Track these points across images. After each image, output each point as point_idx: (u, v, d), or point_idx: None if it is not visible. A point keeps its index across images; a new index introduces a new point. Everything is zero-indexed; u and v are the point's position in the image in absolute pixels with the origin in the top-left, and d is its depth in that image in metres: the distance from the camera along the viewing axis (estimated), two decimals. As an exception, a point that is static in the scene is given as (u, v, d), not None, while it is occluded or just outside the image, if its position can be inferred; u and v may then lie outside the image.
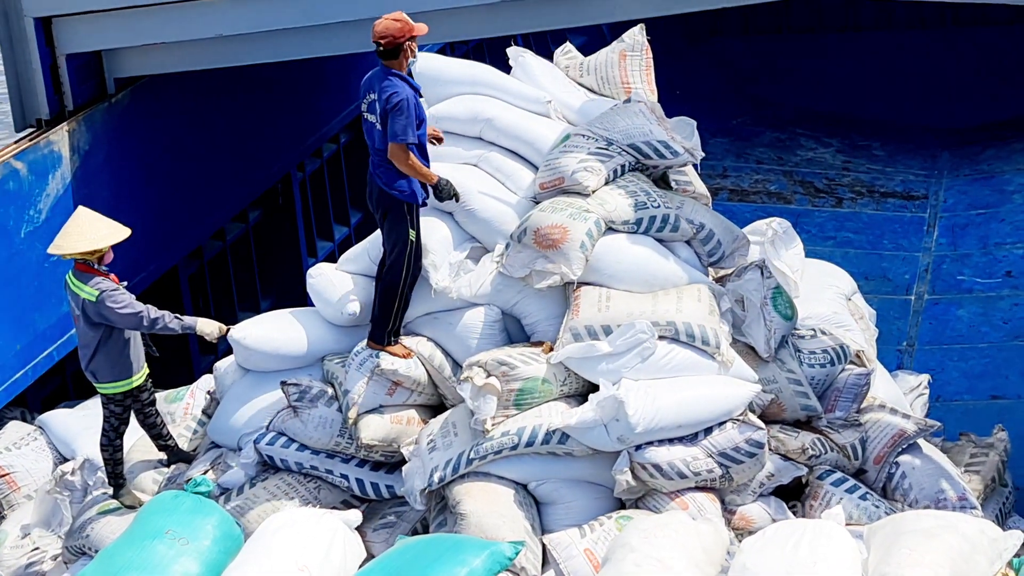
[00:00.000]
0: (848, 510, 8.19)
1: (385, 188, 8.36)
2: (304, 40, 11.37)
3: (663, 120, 9.02)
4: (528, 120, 9.15)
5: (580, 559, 7.83)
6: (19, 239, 10.59)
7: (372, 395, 8.46)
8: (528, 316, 8.68)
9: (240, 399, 8.93)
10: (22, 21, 11.10)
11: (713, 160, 9.18)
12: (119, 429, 8.86)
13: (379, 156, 8.37)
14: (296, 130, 14.00)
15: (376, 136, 8.36)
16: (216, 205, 12.90)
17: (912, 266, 14.99)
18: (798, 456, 8.49)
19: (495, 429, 8.17)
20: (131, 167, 11.67)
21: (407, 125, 8.21)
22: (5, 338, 10.45)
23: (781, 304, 8.78)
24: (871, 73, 18.66)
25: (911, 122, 18.28)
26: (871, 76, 18.64)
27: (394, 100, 8.20)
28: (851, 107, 18.53)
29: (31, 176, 10.73)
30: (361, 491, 8.55)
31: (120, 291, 8.52)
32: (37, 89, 11.20)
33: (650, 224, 8.68)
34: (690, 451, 8.14)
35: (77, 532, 8.82)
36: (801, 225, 14.98)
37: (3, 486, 9.69)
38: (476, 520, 7.90)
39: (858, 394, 8.88)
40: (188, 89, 12.17)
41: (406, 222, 8.37)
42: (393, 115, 8.20)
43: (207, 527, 7.82)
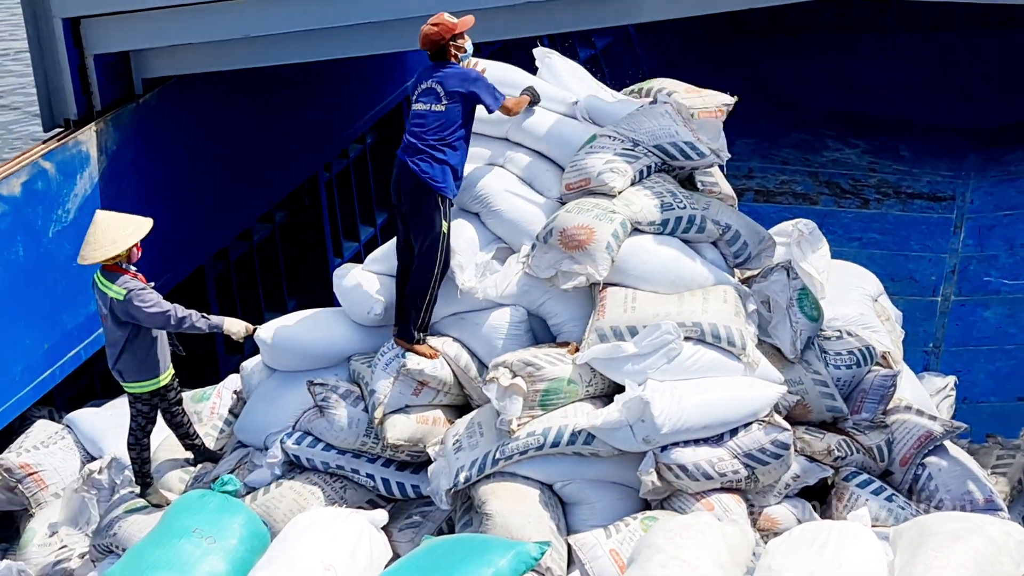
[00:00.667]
0: (874, 512, 8.17)
1: (420, 176, 8.40)
2: (331, 41, 11.40)
3: (689, 121, 9.02)
4: (554, 121, 9.15)
5: (605, 559, 7.83)
6: (47, 239, 10.65)
7: (398, 395, 8.47)
8: (554, 317, 8.69)
9: (267, 399, 8.96)
10: (51, 22, 11.17)
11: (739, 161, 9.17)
12: (146, 428, 8.90)
13: (423, 143, 8.43)
14: (322, 130, 14.04)
15: (431, 119, 8.46)
16: (243, 205, 12.94)
17: (939, 267, 14.95)
18: (824, 457, 8.48)
19: (521, 429, 8.17)
20: (158, 167, 11.72)
21: (493, 89, 8.60)
22: (33, 337, 10.50)
23: (807, 305, 8.77)
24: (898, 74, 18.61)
25: (938, 123, 18.23)
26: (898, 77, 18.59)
27: (470, 77, 8.54)
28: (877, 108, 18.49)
29: (59, 176, 10.79)
30: (387, 491, 8.57)
31: (147, 290, 8.55)
32: (65, 89, 11.26)
33: (676, 225, 8.68)
34: (716, 452, 8.14)
35: (104, 530, 8.86)
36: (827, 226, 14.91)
37: (31, 484, 9.74)
38: (502, 520, 7.91)
39: (884, 395, 8.86)
40: (215, 90, 12.22)
41: (439, 213, 8.43)
42: (477, 90, 8.51)
43: (234, 526, 7.84)
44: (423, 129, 8.46)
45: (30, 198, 10.50)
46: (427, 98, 8.49)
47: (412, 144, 8.47)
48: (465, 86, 8.48)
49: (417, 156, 8.44)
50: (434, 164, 8.42)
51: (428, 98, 8.48)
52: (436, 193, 8.42)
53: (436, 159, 8.41)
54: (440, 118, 8.42)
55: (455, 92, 8.44)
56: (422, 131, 8.46)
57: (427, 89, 8.52)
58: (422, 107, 8.50)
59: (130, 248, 8.53)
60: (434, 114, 8.43)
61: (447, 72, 8.53)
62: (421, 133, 8.46)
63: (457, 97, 8.45)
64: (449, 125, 8.44)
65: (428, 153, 8.41)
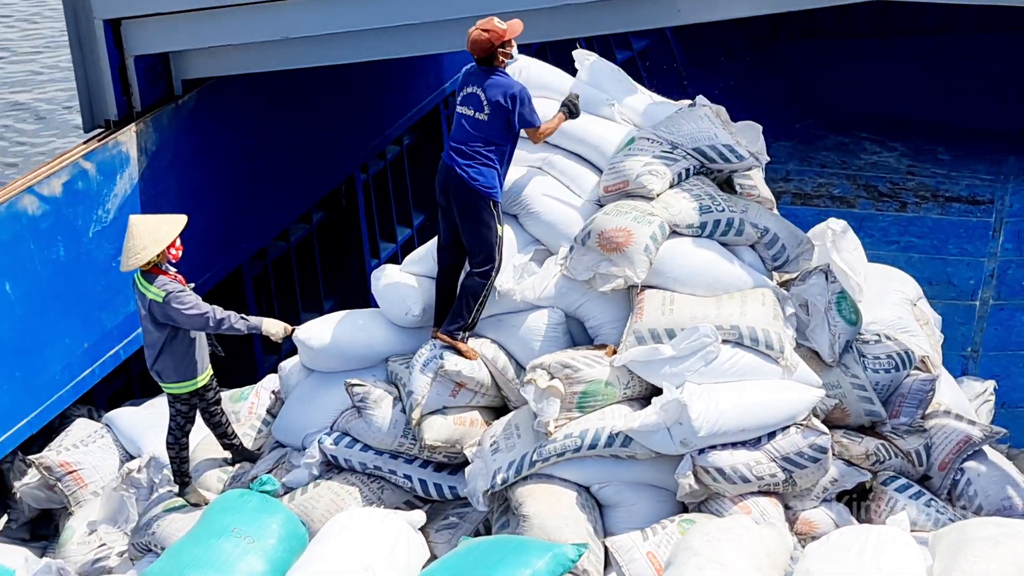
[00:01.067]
0: (912, 516, 8.15)
1: (470, 183, 8.40)
2: (370, 42, 11.41)
3: (728, 124, 9.01)
4: (592, 123, 9.15)
5: (642, 562, 7.83)
6: (87, 238, 10.70)
7: (436, 396, 8.49)
8: (591, 319, 8.69)
9: (305, 399, 8.99)
10: (92, 23, 11.22)
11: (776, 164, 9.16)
12: (185, 428, 8.94)
13: (469, 148, 8.41)
14: (360, 132, 14.07)
15: (474, 127, 8.43)
16: (280, 206, 12.98)
17: (977, 271, 14.87)
18: (862, 461, 8.45)
19: (558, 431, 8.18)
20: (197, 168, 11.76)
21: (532, 111, 8.50)
22: (73, 336, 10.56)
23: (846, 309, 8.75)
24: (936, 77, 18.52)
25: (977, 126, 18.12)
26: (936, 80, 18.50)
27: (512, 92, 8.43)
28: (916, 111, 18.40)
29: (100, 176, 10.84)
30: (424, 492, 8.59)
31: (186, 292, 8.57)
32: (106, 90, 11.31)
33: (714, 228, 8.67)
34: (753, 455, 8.13)
35: (143, 529, 8.90)
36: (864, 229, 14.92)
37: (70, 483, 9.79)
38: (539, 522, 7.92)
39: (923, 400, 8.82)
40: (254, 91, 12.26)
41: (493, 217, 8.45)
42: (516, 107, 8.42)
43: (272, 526, 7.86)
44: (469, 136, 8.44)
45: (71, 198, 10.56)
46: (471, 105, 8.46)
47: (459, 149, 8.44)
48: (506, 99, 8.41)
49: (465, 161, 8.42)
50: (483, 170, 8.41)
51: (471, 105, 8.46)
52: (488, 198, 8.42)
53: (485, 165, 8.40)
54: (484, 128, 8.40)
55: (497, 103, 8.40)
56: (468, 137, 8.44)
57: (471, 95, 8.49)
58: (466, 112, 8.48)
59: (165, 250, 8.55)
60: (478, 122, 8.40)
61: (492, 81, 8.46)
62: (467, 139, 8.44)
63: (499, 109, 8.41)
64: (494, 134, 8.42)
65: (476, 159, 8.39)
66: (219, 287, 11.87)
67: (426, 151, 14.99)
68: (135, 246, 8.49)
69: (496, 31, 8.45)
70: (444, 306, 8.68)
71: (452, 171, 8.45)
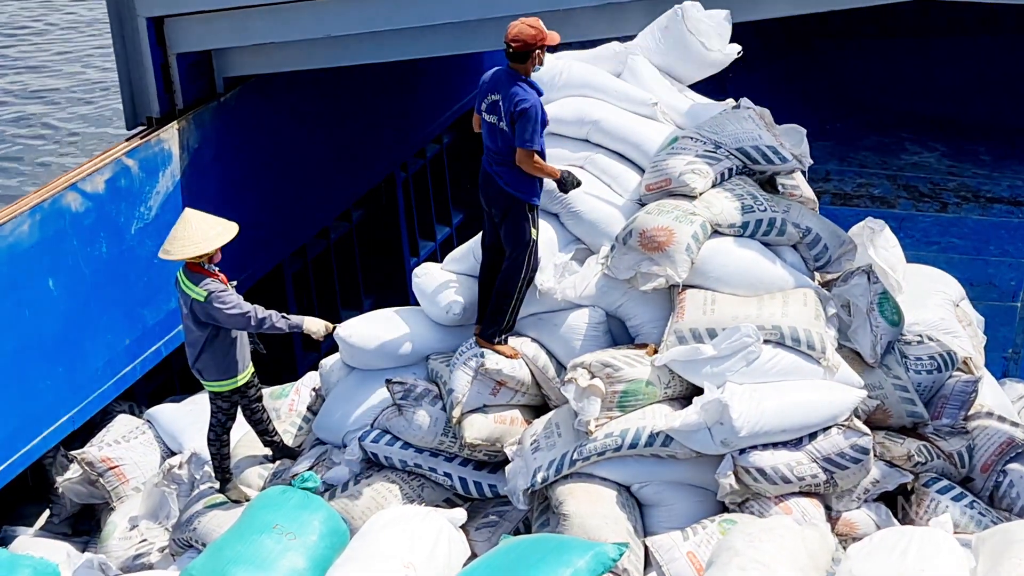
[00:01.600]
0: (954, 518, 8.10)
1: (506, 188, 8.35)
2: (410, 41, 11.44)
3: (772, 127, 8.99)
4: (635, 123, 9.15)
5: (683, 561, 7.81)
6: (130, 235, 10.77)
7: (476, 394, 8.50)
8: (633, 318, 8.68)
9: (345, 396, 9.01)
10: (135, 21, 11.30)
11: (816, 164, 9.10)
12: (226, 425, 8.97)
13: (500, 156, 8.36)
14: (400, 130, 14.11)
15: (499, 137, 8.33)
16: (320, 204, 13.03)
17: (1018, 272, 14.78)
18: (903, 463, 8.42)
19: (598, 430, 8.17)
20: (239, 166, 11.81)
21: (535, 132, 8.18)
22: (115, 333, 10.63)
23: (888, 309, 8.71)
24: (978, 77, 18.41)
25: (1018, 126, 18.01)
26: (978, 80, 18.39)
27: (522, 106, 8.16)
28: (957, 111, 18.30)
29: (142, 173, 10.91)
30: (464, 490, 8.60)
31: (228, 292, 8.59)
32: (148, 88, 11.39)
33: (756, 227, 8.65)
34: (794, 456, 8.10)
35: (184, 525, 8.94)
36: (905, 230, 14.86)
37: (112, 478, 9.85)
38: (579, 521, 7.91)
39: (965, 401, 8.78)
40: (295, 89, 12.31)
41: (528, 221, 8.39)
42: (521, 121, 8.17)
43: (314, 523, 7.87)
44: (495, 142, 8.36)
45: (113, 195, 10.62)
46: (493, 114, 8.33)
47: (494, 155, 8.41)
48: (516, 114, 8.18)
49: (499, 167, 8.37)
50: (518, 175, 8.33)
51: (495, 113, 8.32)
52: (524, 203, 8.37)
53: (518, 170, 8.33)
54: (508, 137, 8.29)
55: (510, 116, 8.21)
56: (498, 144, 8.36)
57: (493, 103, 8.33)
58: (491, 120, 8.35)
59: (215, 250, 8.59)
60: (502, 132, 8.31)
61: (514, 91, 8.23)
62: (498, 146, 8.37)
63: (512, 121, 8.23)
64: (523, 144, 8.27)
65: (508, 165, 8.34)
66: (259, 284, 11.92)
67: (466, 149, 15.00)
68: (190, 237, 8.52)
69: (541, 30, 8.28)
70: (486, 304, 8.68)
71: (489, 176, 8.42)
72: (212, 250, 8.54)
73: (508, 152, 8.31)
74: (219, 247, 8.57)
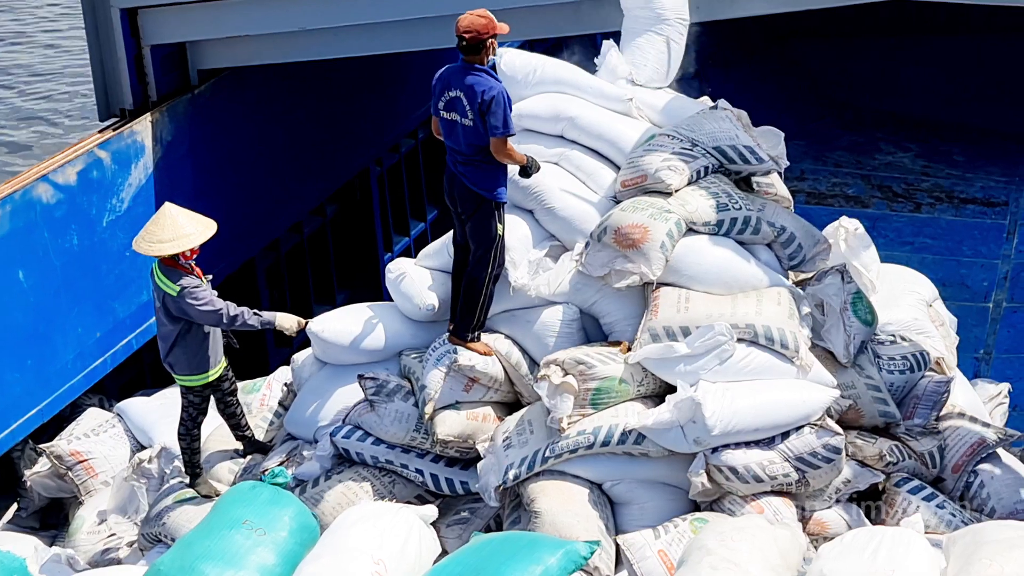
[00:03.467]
0: (925, 518, 8.11)
1: (472, 188, 8.31)
2: (385, 35, 11.40)
3: (749, 128, 8.99)
4: (610, 119, 9.13)
5: (654, 560, 7.80)
6: (101, 228, 10.71)
7: (449, 391, 8.47)
8: (606, 315, 8.67)
9: (317, 392, 8.98)
10: (108, 12, 11.23)
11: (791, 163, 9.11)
12: (197, 419, 8.93)
13: (463, 156, 8.31)
14: (375, 125, 14.06)
15: (461, 135, 8.28)
16: (294, 198, 12.98)
17: (991, 273, 14.83)
18: (875, 462, 8.43)
19: (571, 428, 8.16)
20: (212, 159, 11.76)
21: (507, 117, 8.14)
22: (85, 326, 10.57)
23: (861, 309, 8.72)
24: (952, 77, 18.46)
25: (992, 127, 18.06)
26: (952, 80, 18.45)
27: (490, 94, 8.11)
28: (931, 112, 18.35)
29: (114, 166, 10.85)
30: (435, 486, 8.57)
31: (201, 288, 8.55)
32: (122, 79, 11.32)
33: (731, 226, 8.64)
34: (767, 455, 8.10)
35: (153, 520, 8.90)
36: (878, 230, 14.88)
37: (81, 472, 9.79)
38: (550, 519, 7.90)
39: (937, 401, 8.80)
40: (270, 82, 12.26)
41: (495, 218, 8.35)
42: (493, 109, 8.11)
43: (284, 518, 7.84)
44: (461, 141, 8.29)
45: (85, 187, 10.56)
46: (455, 110, 8.25)
47: (458, 155, 8.33)
48: (483, 103, 8.13)
49: (464, 167, 8.31)
50: (486, 173, 8.29)
51: (456, 110, 8.24)
52: (491, 201, 8.32)
53: (486, 168, 8.28)
54: (472, 133, 8.22)
55: (477, 108, 8.14)
56: (461, 143, 8.29)
57: (454, 99, 8.25)
58: (452, 118, 8.27)
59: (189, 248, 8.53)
60: (464, 128, 8.22)
61: (474, 81, 8.19)
62: (461, 145, 8.29)
63: (480, 112, 8.16)
64: (484, 138, 8.21)
65: (476, 164, 8.29)
66: (232, 278, 11.86)
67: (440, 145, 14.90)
68: (161, 235, 8.47)
69: (492, 20, 8.22)
70: (459, 301, 8.65)
71: (455, 177, 8.38)
72: (184, 249, 8.49)
73: (472, 151, 8.26)
74: (193, 247, 8.52)
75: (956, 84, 18.41)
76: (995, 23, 18.46)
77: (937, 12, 18.37)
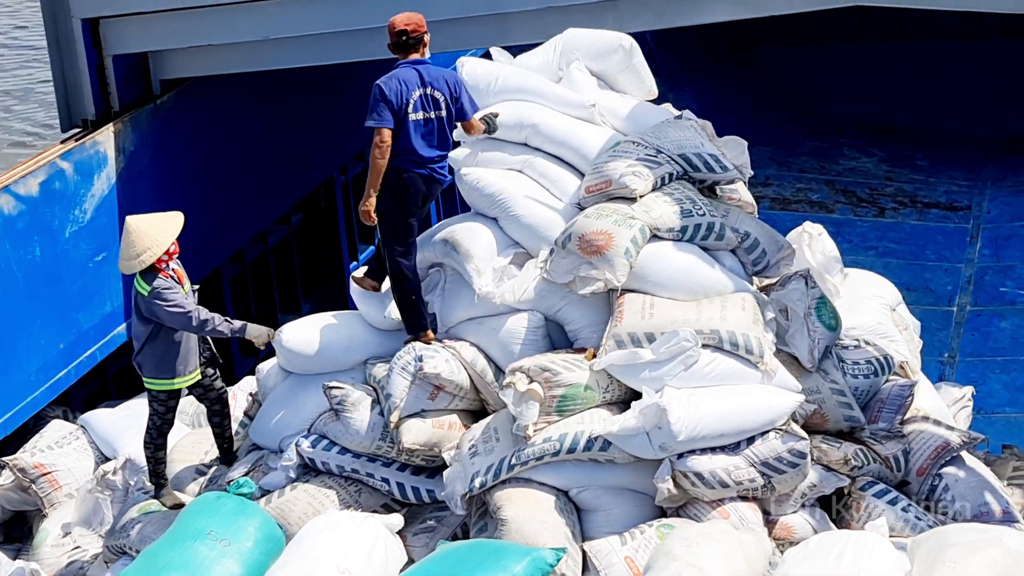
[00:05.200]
0: (890, 521, 8.13)
1: (446, 183, 8.64)
2: (348, 44, 11.40)
3: (714, 138, 9.02)
4: (574, 126, 9.14)
5: (621, 566, 7.80)
6: (64, 239, 10.67)
7: (414, 399, 8.45)
8: (571, 322, 8.67)
9: (282, 401, 8.95)
10: (70, 22, 11.20)
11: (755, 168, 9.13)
12: (162, 429, 8.89)
13: (439, 154, 8.54)
14: (339, 134, 14.04)
15: (436, 133, 8.46)
16: (259, 208, 12.95)
17: (954, 277, 14.91)
18: (840, 467, 8.44)
19: (537, 435, 8.15)
20: (176, 169, 11.73)
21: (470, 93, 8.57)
22: (49, 337, 10.52)
23: (825, 314, 8.74)
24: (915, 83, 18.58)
25: (955, 132, 18.19)
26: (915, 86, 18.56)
27: (456, 77, 8.50)
28: (895, 117, 18.46)
29: (77, 176, 10.80)
30: (402, 495, 8.55)
31: (173, 289, 8.51)
32: (84, 90, 11.29)
33: (695, 232, 8.66)
34: (732, 460, 8.11)
35: (118, 532, 8.85)
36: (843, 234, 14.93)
37: (45, 485, 9.73)
38: (517, 526, 7.89)
39: (902, 405, 8.82)
40: (233, 91, 12.23)
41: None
42: (463, 91, 8.49)
43: (249, 529, 7.82)
44: (432, 140, 8.45)
45: (47, 198, 10.51)
46: (428, 107, 8.41)
47: (432, 156, 8.46)
48: (456, 87, 8.49)
49: (438, 165, 8.49)
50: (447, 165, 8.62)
51: (429, 107, 8.41)
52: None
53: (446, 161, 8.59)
54: (443, 123, 8.47)
55: (449, 94, 8.43)
56: (433, 142, 8.45)
57: (426, 96, 8.41)
58: (424, 116, 8.41)
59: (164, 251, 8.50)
60: (438, 120, 8.44)
61: (434, 73, 8.43)
62: (433, 144, 8.45)
63: (450, 99, 8.46)
64: (449, 127, 8.53)
65: (443, 160, 8.54)
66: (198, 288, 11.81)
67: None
68: (136, 250, 8.44)
69: (422, 18, 8.53)
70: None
71: (431, 179, 8.48)
72: (162, 252, 8.46)
73: (444, 146, 8.51)
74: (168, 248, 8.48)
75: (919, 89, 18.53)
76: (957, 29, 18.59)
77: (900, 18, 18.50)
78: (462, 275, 8.73)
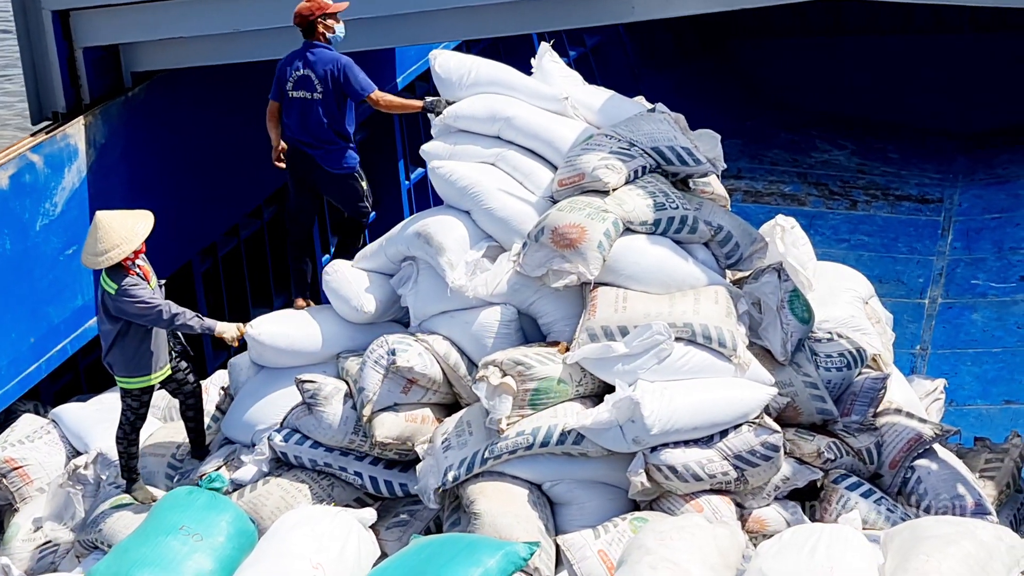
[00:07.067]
0: (863, 514, 8.15)
1: (331, 171, 9.04)
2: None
3: (687, 131, 9.02)
4: (547, 119, 9.13)
5: (594, 560, 7.81)
6: (34, 232, 10.59)
7: (387, 393, 8.44)
8: (544, 316, 8.66)
9: (254, 395, 8.93)
10: (40, 14, 11.11)
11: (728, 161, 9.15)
12: (135, 424, 8.85)
13: (312, 137, 8.99)
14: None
15: (312, 110, 8.94)
16: (231, 201, 12.88)
17: (926, 270, 14.96)
18: (813, 460, 8.46)
19: (510, 429, 8.15)
20: (147, 162, 11.66)
21: (363, 77, 9.12)
22: (19, 331, 10.44)
23: (798, 307, 8.75)
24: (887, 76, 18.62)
25: (927, 126, 18.25)
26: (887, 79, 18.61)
27: (340, 61, 9.05)
28: (867, 110, 18.51)
29: (47, 169, 10.72)
30: (375, 489, 8.54)
31: (139, 286, 8.46)
32: (54, 82, 11.20)
33: (668, 225, 8.66)
34: (705, 453, 8.12)
35: (90, 526, 8.81)
36: (815, 227, 14.99)
37: (16, 479, 9.68)
38: (490, 520, 7.88)
39: (874, 398, 8.84)
40: (205, 84, 12.15)
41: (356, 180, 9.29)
42: (348, 73, 9.07)
43: (221, 523, 7.81)
44: (310, 120, 8.95)
45: (17, 191, 10.44)
46: (304, 88, 8.96)
47: (308, 136, 9.01)
48: (337, 72, 8.97)
49: (320, 151, 9.03)
50: (341, 152, 9.12)
51: (305, 88, 8.94)
52: (352, 171, 9.21)
53: (339, 146, 9.05)
54: (320, 107, 8.89)
55: (326, 79, 8.90)
56: (311, 122, 8.98)
57: (302, 77, 9.06)
58: (302, 96, 9.03)
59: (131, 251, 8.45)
60: (314, 103, 8.87)
61: (317, 56, 9.09)
62: (311, 125, 9.00)
63: (330, 84, 8.90)
64: (333, 110, 8.96)
65: (329, 144, 9.02)
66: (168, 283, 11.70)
67: (379, 146, 14.92)
68: (103, 246, 8.38)
69: (318, 2, 9.19)
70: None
71: (310, 160, 8.91)
72: (129, 252, 8.40)
73: (320, 130, 9.02)
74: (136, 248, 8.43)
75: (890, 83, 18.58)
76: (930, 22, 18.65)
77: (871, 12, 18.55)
78: (435, 268, 8.72)
